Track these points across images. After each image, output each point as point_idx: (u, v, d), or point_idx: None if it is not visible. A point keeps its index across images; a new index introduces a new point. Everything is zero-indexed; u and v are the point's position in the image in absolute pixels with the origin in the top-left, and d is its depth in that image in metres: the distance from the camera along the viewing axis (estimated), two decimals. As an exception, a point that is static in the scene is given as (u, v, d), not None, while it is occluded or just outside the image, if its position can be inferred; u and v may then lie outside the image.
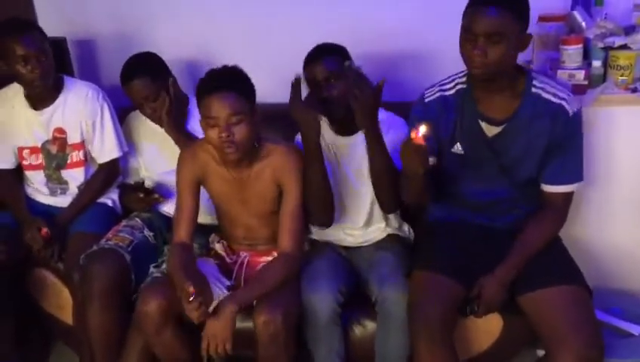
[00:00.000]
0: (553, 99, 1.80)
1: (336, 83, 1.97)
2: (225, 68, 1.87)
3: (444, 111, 1.90)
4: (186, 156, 2.04)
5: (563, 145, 1.82)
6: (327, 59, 1.99)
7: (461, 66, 1.82)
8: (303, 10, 2.52)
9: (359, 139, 2.03)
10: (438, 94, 1.92)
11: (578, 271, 1.87)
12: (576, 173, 1.87)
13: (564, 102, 1.80)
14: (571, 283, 1.79)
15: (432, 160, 1.78)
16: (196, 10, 2.62)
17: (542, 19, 2.24)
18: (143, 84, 2.20)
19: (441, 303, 1.77)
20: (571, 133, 1.83)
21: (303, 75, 2.01)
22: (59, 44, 2.54)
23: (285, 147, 2.00)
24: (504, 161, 1.87)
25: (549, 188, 1.89)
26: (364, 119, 1.85)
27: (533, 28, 2.21)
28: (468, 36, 1.72)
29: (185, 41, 2.61)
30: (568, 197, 1.90)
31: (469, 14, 1.74)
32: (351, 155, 2.09)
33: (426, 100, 1.93)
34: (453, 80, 1.92)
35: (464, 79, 1.90)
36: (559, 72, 2.14)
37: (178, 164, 2.04)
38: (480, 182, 1.92)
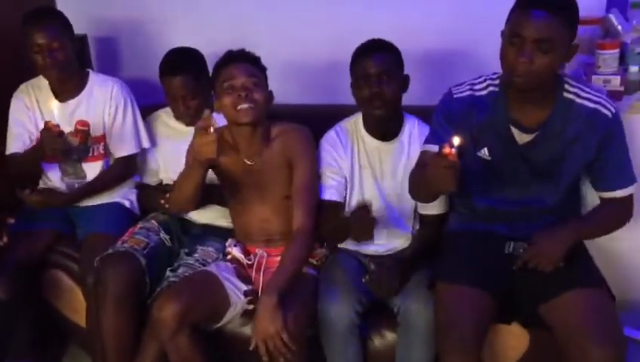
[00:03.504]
0: (588, 104, 1.74)
1: (388, 81, 1.93)
2: (241, 48, 2.01)
3: (472, 110, 1.82)
4: None
5: (612, 148, 1.76)
6: (381, 55, 1.95)
7: (490, 70, 1.74)
8: (325, 10, 2.49)
9: (402, 141, 2.04)
10: (468, 92, 1.84)
11: (599, 275, 1.80)
12: (631, 175, 1.81)
13: (599, 107, 1.73)
14: (590, 287, 1.72)
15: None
16: (217, 8, 2.60)
17: (576, 22, 2.16)
18: (186, 81, 2.17)
19: (474, 319, 1.71)
20: (615, 135, 1.76)
21: (351, 69, 1.99)
22: (79, 40, 2.52)
23: (294, 126, 2.07)
24: (536, 169, 1.81)
25: (607, 195, 1.83)
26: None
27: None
28: (513, 41, 1.63)
29: (205, 38, 2.56)
30: (628, 200, 1.83)
31: (516, 17, 1.64)
32: (393, 161, 2.04)
33: (455, 96, 1.85)
34: (484, 80, 1.84)
35: (497, 82, 1.81)
36: (594, 77, 2.07)
37: (190, 145, 2.00)
38: (506, 190, 1.86)
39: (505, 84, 1.77)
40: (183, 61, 2.21)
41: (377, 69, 1.92)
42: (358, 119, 2.09)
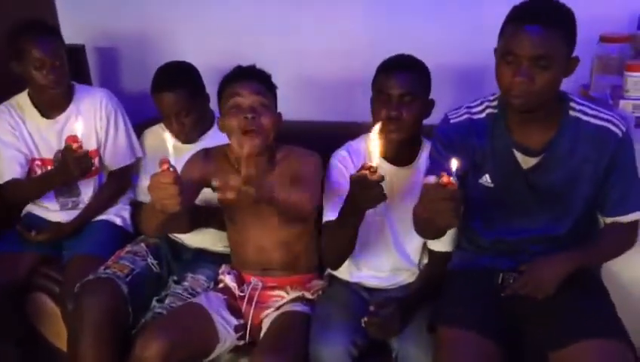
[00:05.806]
0: (595, 122, 1.61)
1: (409, 103, 1.77)
2: (251, 65, 1.88)
3: (471, 135, 1.69)
4: (198, 154, 1.93)
5: (620, 170, 1.63)
6: (405, 74, 1.78)
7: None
8: (334, 24, 2.38)
9: (418, 168, 1.87)
10: (465, 116, 1.71)
11: (617, 321, 1.62)
12: (639, 200, 1.68)
13: (609, 125, 1.60)
14: (606, 336, 1.53)
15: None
16: (222, 19, 2.51)
17: (603, 39, 2.00)
18: (179, 98, 2.06)
19: None
20: (625, 156, 1.63)
21: (373, 83, 1.84)
22: (77, 51, 2.49)
23: (302, 151, 1.93)
24: (543, 194, 1.66)
25: (611, 220, 1.70)
26: None
27: (592, 48, 1.98)
28: (508, 59, 1.51)
29: (209, 49, 2.49)
30: (633, 226, 1.70)
31: (509, 33, 1.52)
32: (405, 188, 1.87)
33: (452, 121, 1.73)
34: (482, 102, 1.72)
35: (495, 103, 1.69)
36: (622, 101, 1.90)
37: (186, 161, 1.89)
38: (511, 219, 1.71)
39: (504, 105, 1.64)
40: (174, 76, 2.10)
41: (399, 89, 1.76)
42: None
